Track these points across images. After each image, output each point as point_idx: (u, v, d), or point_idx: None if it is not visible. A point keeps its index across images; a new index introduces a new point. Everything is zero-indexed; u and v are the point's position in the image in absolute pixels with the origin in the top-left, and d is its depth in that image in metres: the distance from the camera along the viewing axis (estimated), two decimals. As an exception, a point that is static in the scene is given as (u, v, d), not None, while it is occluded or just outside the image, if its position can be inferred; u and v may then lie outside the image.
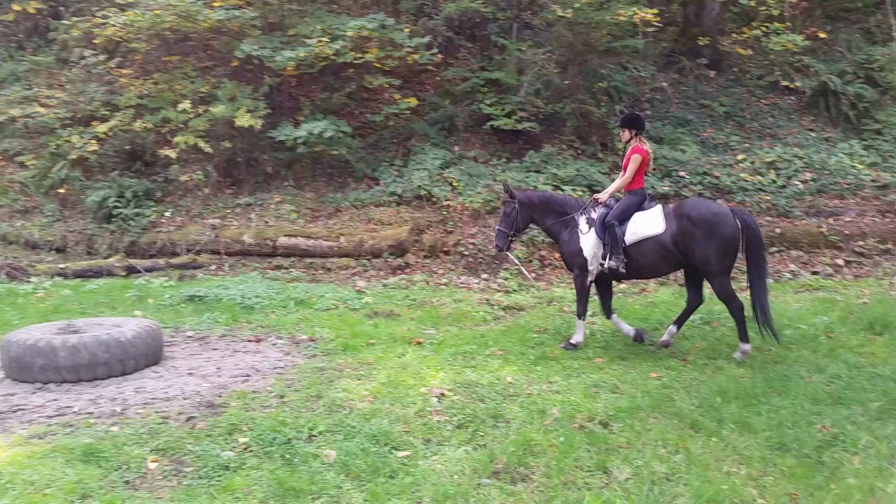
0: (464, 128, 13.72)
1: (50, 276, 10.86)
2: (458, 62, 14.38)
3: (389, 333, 7.61)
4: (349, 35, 11.95)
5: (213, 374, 6.29)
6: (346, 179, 13.27)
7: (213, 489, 4.01)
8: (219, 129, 12.86)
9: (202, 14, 12.30)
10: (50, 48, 16.34)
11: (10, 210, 13.26)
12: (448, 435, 4.83)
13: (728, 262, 6.44)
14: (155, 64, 14.01)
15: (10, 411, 5.39)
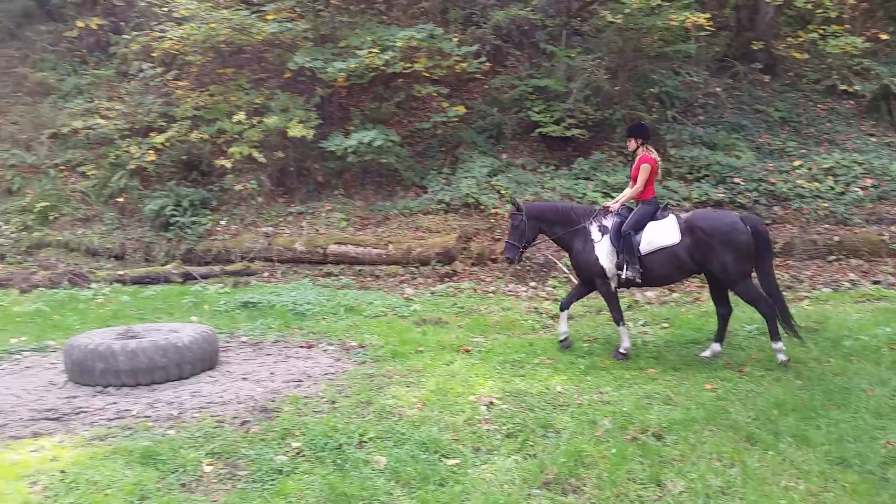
0: (511, 135, 13.71)
1: (109, 282, 11.22)
2: (506, 70, 14.39)
3: (437, 341, 7.63)
4: (399, 45, 12.08)
5: (267, 379, 6.41)
6: (395, 188, 13.39)
7: (266, 493, 4.08)
8: (272, 140, 13.13)
9: (256, 27, 12.59)
10: (110, 62, 16.95)
11: (72, 218, 13.75)
12: (497, 444, 4.81)
13: (746, 267, 6.46)
14: (210, 76, 14.39)
15: (72, 413, 5.57)
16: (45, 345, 7.79)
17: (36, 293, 10.50)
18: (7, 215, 13.85)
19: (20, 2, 19.43)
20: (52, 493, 4.07)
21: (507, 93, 13.92)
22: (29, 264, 12.64)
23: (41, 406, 5.74)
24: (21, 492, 4.05)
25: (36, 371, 6.84)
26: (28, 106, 16.45)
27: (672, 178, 12.01)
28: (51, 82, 16.73)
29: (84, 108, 15.08)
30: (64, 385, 6.33)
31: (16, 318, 8.90)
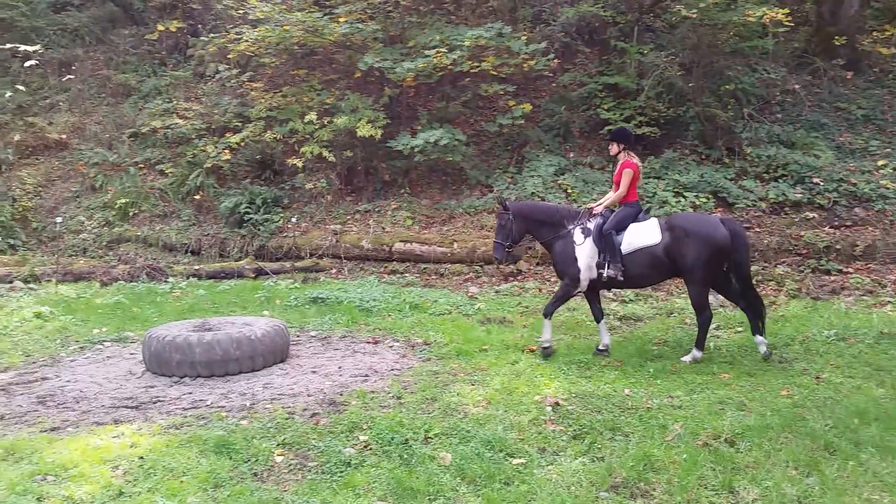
0: (579, 133, 13.55)
1: (186, 276, 11.63)
2: (574, 67, 14.23)
3: (502, 340, 7.61)
4: (466, 45, 12.10)
5: (335, 373, 6.53)
6: (460, 186, 13.42)
7: (335, 484, 4.16)
8: (341, 139, 13.36)
9: (328, 28, 12.83)
10: (188, 64, 17.56)
11: (151, 215, 14.30)
12: (563, 445, 4.77)
13: (712, 273, 6.61)
14: (283, 77, 14.74)
15: (150, 402, 5.81)
16: (124, 336, 8.14)
17: (116, 286, 10.98)
18: (90, 211, 14.53)
19: (106, 7, 20.37)
20: (132, 477, 4.25)
21: (575, 90, 13.77)
22: (110, 258, 13.23)
23: (121, 394, 6.00)
24: (104, 475, 4.25)
25: (116, 361, 7.16)
26: (111, 106, 17.21)
27: (748, 178, 11.64)
28: (132, 84, 17.46)
29: (163, 109, 15.67)
30: (142, 375, 6.60)
31: (98, 310, 9.33)
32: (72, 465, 4.38)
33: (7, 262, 12.39)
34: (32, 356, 7.33)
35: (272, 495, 4.00)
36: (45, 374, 6.64)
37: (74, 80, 17.93)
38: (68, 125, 16.75)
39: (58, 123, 16.75)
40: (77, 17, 20.06)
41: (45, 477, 4.24)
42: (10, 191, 14.81)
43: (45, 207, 14.88)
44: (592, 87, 13.33)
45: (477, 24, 13.51)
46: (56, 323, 8.57)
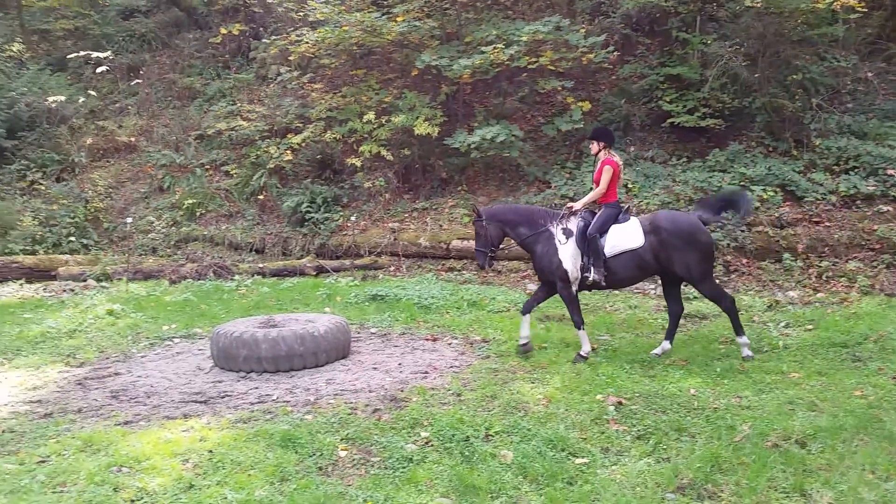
0: (640, 127, 13.29)
1: (250, 274, 11.93)
2: (635, 59, 13.96)
3: (561, 338, 7.54)
4: (524, 40, 12.02)
5: (395, 370, 6.58)
6: (518, 183, 13.35)
7: (397, 480, 4.19)
8: (399, 138, 13.47)
9: (386, 28, 12.94)
10: (251, 66, 17.99)
11: (217, 214, 14.72)
12: (627, 445, 4.69)
13: (709, 266, 6.66)
14: (342, 78, 14.96)
15: (218, 397, 5.97)
16: (193, 332, 8.40)
17: (184, 284, 11.33)
18: (159, 211, 15.04)
19: (172, 13, 21.04)
20: (202, 471, 4.37)
21: (635, 83, 13.50)
22: (178, 257, 13.68)
23: (190, 389, 6.19)
24: (175, 468, 4.39)
25: (185, 356, 7.39)
26: (177, 109, 17.78)
27: (817, 170, 11.20)
28: (197, 87, 17.99)
29: (227, 111, 16.10)
30: (210, 370, 6.79)
31: (167, 307, 9.64)
32: (144, 458, 4.53)
33: (80, 261, 12.96)
34: (106, 352, 7.63)
35: (337, 489, 4.05)
36: (117, 370, 6.90)
37: (142, 85, 18.60)
38: (137, 128, 17.39)
39: (127, 127, 17.42)
40: (144, 23, 20.79)
41: (120, 468, 4.41)
42: (82, 192, 15.46)
43: (115, 208, 15.48)
44: (654, 78, 13.05)
45: (534, 19, 13.41)
46: (127, 320, 8.91)
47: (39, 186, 15.57)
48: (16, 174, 16.15)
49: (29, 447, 4.84)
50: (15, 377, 6.69)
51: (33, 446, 4.86)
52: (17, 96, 17.09)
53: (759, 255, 10.36)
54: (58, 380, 6.61)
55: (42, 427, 5.25)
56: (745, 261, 10.38)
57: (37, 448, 4.81)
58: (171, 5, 20.85)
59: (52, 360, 7.30)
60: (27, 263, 12.46)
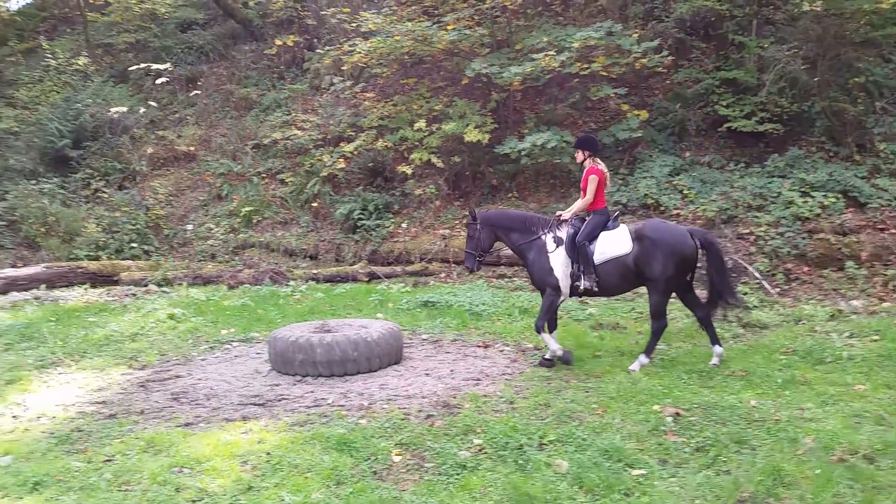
0: (696, 132, 13.05)
1: (305, 280, 12.11)
2: (690, 64, 13.72)
3: (616, 346, 7.45)
4: (575, 46, 11.94)
5: (447, 376, 6.60)
6: (569, 189, 13.23)
7: (451, 486, 4.20)
8: (449, 145, 13.52)
9: (436, 37, 13.02)
10: (305, 77, 18.32)
11: (273, 221, 15.01)
12: (686, 457, 4.60)
13: (675, 283, 6.63)
14: (394, 87, 15.12)
15: (275, 400, 6.08)
16: (250, 336, 8.57)
17: (242, 289, 11.58)
18: (217, 218, 15.41)
19: (228, 25, 21.61)
20: (260, 472, 4.46)
21: (690, 87, 13.27)
22: (235, 263, 13.98)
23: (248, 392, 6.32)
24: (234, 470, 4.48)
25: (243, 360, 7.55)
26: (234, 119, 18.21)
27: (882, 176, 10.81)
28: (253, 97, 18.40)
29: (282, 121, 16.43)
30: (267, 373, 6.92)
31: (226, 312, 9.86)
32: (205, 459, 4.64)
33: (142, 267, 13.37)
34: (167, 355, 7.85)
35: (391, 494, 4.08)
36: (178, 372, 7.09)
37: (200, 95, 19.12)
38: (196, 138, 17.87)
39: (186, 136, 17.92)
40: (202, 35, 21.39)
41: (181, 469, 4.53)
42: (144, 200, 15.96)
43: (175, 215, 15.92)
44: (709, 83, 12.81)
45: (586, 24, 13.31)
46: (188, 324, 9.15)
47: (103, 194, 16.13)
48: (80, 182, 16.78)
49: (95, 446, 5.01)
50: (81, 378, 6.94)
51: (99, 445, 5.03)
52: (82, 108, 17.77)
53: (820, 263, 10.04)
54: (121, 382, 6.83)
55: (107, 427, 5.43)
56: (806, 269, 10.07)
57: (103, 447, 4.98)
58: (228, 18, 21.40)
59: (116, 362, 7.54)
60: (91, 269, 12.92)
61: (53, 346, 8.17)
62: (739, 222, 10.69)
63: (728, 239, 10.51)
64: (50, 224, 14.81)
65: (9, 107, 20.64)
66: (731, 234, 10.58)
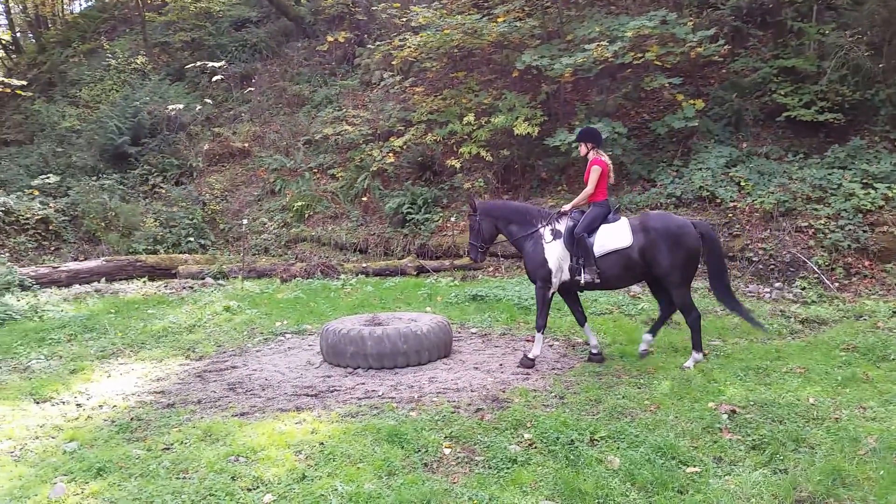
0: (753, 122, 12.70)
1: (355, 273, 12.26)
2: (747, 52, 13.36)
3: (669, 342, 7.32)
4: (628, 36, 11.73)
5: (496, 370, 6.60)
6: (620, 182, 13.03)
7: (502, 480, 4.20)
8: (498, 139, 13.48)
9: (486, 29, 12.98)
10: (355, 73, 18.51)
11: (324, 216, 15.22)
12: (741, 455, 4.50)
13: (689, 273, 6.56)
14: (443, 81, 15.13)
15: (328, 391, 6.17)
16: (303, 328, 8.72)
17: (294, 282, 11.78)
18: (271, 213, 15.71)
19: (281, 22, 21.94)
20: (314, 462, 4.53)
21: (747, 76, 12.92)
22: (288, 256, 14.24)
23: (302, 383, 6.43)
24: (288, 459, 4.57)
25: (296, 351, 7.68)
26: (287, 116, 18.51)
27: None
28: (305, 94, 18.68)
29: (333, 117, 16.63)
30: (320, 365, 7.03)
31: (279, 304, 10.05)
32: (260, 448, 4.74)
33: (198, 260, 13.73)
34: (223, 346, 8.04)
35: (442, 486, 4.10)
36: (234, 363, 7.26)
37: (254, 92, 19.50)
38: (250, 134, 18.23)
39: (241, 133, 18.29)
40: (255, 33, 21.79)
41: (237, 458, 4.63)
42: (200, 195, 16.37)
43: (230, 210, 16.28)
44: (766, 71, 12.45)
45: (639, 13, 13.07)
46: (243, 316, 9.36)
47: (160, 190, 16.61)
48: (139, 178, 17.31)
49: (154, 435, 5.17)
50: (140, 369, 7.17)
51: (159, 434, 5.18)
52: (140, 106, 18.32)
53: (883, 257, 9.69)
54: (179, 372, 7.02)
55: (166, 416, 5.59)
56: (868, 263, 9.73)
57: (161, 436, 5.13)
58: (281, 15, 21.74)
59: (174, 353, 7.77)
60: (149, 262, 13.33)
61: (114, 337, 8.46)
62: (798, 215, 10.37)
63: (786, 232, 10.22)
64: (110, 219, 15.32)
65: (72, 106, 21.44)
66: (790, 227, 10.28)
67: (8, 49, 29.78)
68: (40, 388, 6.36)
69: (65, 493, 4.17)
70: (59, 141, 19.78)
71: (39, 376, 6.83)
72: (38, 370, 7.08)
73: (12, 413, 5.70)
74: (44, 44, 28.30)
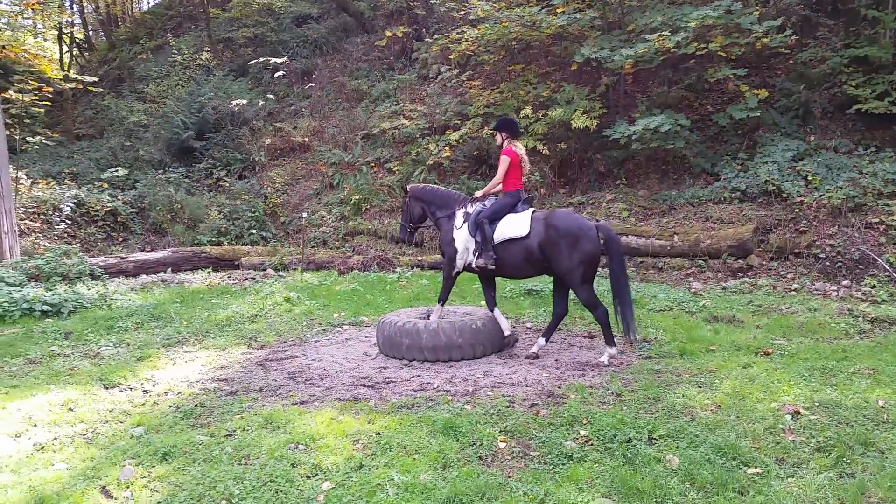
0: (821, 114, 12.27)
1: (410, 267, 12.35)
2: (816, 42, 12.90)
3: (732, 341, 7.14)
4: (692, 26, 11.46)
5: (552, 366, 6.56)
6: (682, 175, 12.78)
7: (557, 476, 4.18)
8: (555, 132, 13.35)
9: (546, 21, 12.86)
10: (413, 67, 18.59)
11: (380, 209, 15.37)
12: (805, 457, 4.37)
13: (588, 273, 6.59)
14: (500, 74, 15.07)
15: (384, 382, 6.24)
16: (360, 320, 8.84)
17: (351, 275, 11.95)
18: (329, 206, 15.96)
19: (341, 18, 22.22)
20: (371, 451, 4.60)
21: (816, 67, 12.47)
22: (345, 249, 14.44)
23: (359, 373, 6.52)
24: (346, 448, 4.65)
25: (353, 343, 7.80)
26: (346, 111, 18.75)
27: None
28: (364, 89, 18.87)
29: (391, 111, 16.77)
30: (376, 356, 7.12)
31: (337, 296, 10.21)
32: (318, 437, 4.83)
33: (260, 252, 14.05)
34: (283, 336, 8.22)
35: (497, 480, 4.11)
36: (293, 353, 7.41)
37: (315, 88, 19.80)
38: (310, 129, 18.55)
39: (301, 127, 18.62)
40: (316, 28, 22.12)
41: (296, 445, 4.74)
42: (262, 189, 16.74)
43: (290, 203, 16.61)
44: (836, 62, 11.99)
45: (703, 3, 12.75)
46: (302, 307, 9.54)
47: (224, 183, 17.06)
48: (203, 172, 17.81)
49: (218, 422, 5.32)
50: (205, 357, 7.39)
51: (221, 421, 5.33)
52: (205, 101, 18.83)
53: (964, 256, 9.23)
54: (241, 360, 7.21)
55: (228, 403, 5.75)
56: None
57: (224, 423, 5.27)
58: (341, 11, 22.01)
59: (237, 342, 7.98)
60: (214, 253, 13.71)
61: (179, 325, 8.74)
62: (868, 211, 9.98)
63: (855, 228, 9.85)
64: (175, 211, 15.82)
65: (139, 101, 22.20)
66: (859, 223, 9.90)
67: (81, 47, 31.02)
68: (109, 374, 6.62)
69: (133, 476, 4.34)
70: (127, 135, 20.52)
71: (108, 363, 7.11)
72: (107, 357, 7.37)
73: (84, 397, 5.96)
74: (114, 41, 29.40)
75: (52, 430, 5.22)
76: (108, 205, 15.73)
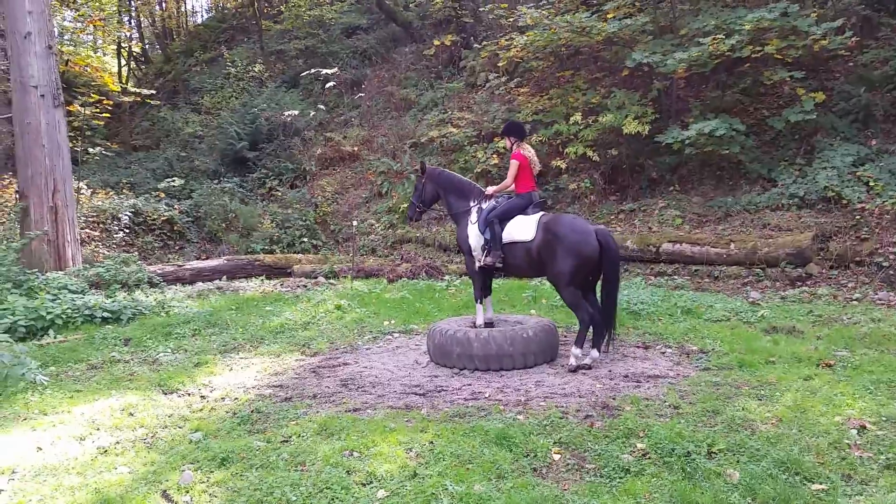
0: (884, 118, 11.85)
1: (459, 275, 12.36)
2: (877, 43, 12.48)
3: (792, 352, 6.92)
4: (746, 29, 11.22)
5: (605, 377, 6.46)
6: (738, 181, 12.50)
7: (614, 490, 4.10)
8: (606, 138, 13.21)
9: (596, 28, 12.75)
10: (461, 75, 18.66)
11: (428, 218, 15.38)
12: (874, 475, 4.20)
13: (577, 278, 6.65)
14: (549, 80, 15.00)
15: (435, 391, 6.24)
16: (410, 328, 8.88)
17: (400, 283, 12.02)
18: (378, 215, 16.11)
19: (389, 28, 22.45)
20: (424, 460, 4.60)
21: (878, 69, 12.07)
22: (394, 257, 14.54)
23: (410, 381, 6.54)
24: (400, 456, 4.66)
25: (404, 351, 7.83)
26: (394, 120, 18.92)
27: None
28: (412, 98, 19.02)
29: (439, 119, 16.85)
30: (426, 365, 7.13)
31: (387, 304, 10.28)
32: (372, 444, 4.86)
33: (311, 260, 14.25)
34: (335, 343, 8.31)
35: (552, 492, 4.06)
36: (346, 360, 7.48)
37: (364, 98, 20.03)
38: (359, 138, 18.77)
39: (351, 137, 18.87)
40: (365, 39, 22.41)
41: (351, 452, 4.77)
42: (313, 198, 17.00)
43: (340, 212, 16.82)
44: (900, 63, 11.59)
45: (758, 5, 12.48)
46: (353, 314, 9.63)
47: (276, 192, 17.38)
48: (257, 181, 18.18)
49: (273, 428, 5.40)
50: (259, 363, 7.51)
51: (277, 427, 5.41)
52: (258, 112, 19.24)
53: None
54: (295, 367, 7.31)
55: (283, 410, 5.83)
56: None
57: (280, 429, 5.34)
58: (389, 21, 22.24)
59: (290, 349, 8.09)
60: (267, 261, 13.96)
61: (235, 332, 8.91)
62: (936, 217, 9.60)
63: (924, 236, 9.47)
64: (230, 220, 16.18)
65: (194, 112, 22.79)
66: None
67: (138, 60, 32.05)
68: (168, 379, 6.79)
69: (192, 481, 4.43)
70: (182, 146, 21.09)
71: (167, 368, 7.29)
72: (165, 363, 7.56)
73: (143, 403, 6.11)
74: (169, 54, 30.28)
75: (114, 434, 5.37)
76: (164, 214, 16.17)
